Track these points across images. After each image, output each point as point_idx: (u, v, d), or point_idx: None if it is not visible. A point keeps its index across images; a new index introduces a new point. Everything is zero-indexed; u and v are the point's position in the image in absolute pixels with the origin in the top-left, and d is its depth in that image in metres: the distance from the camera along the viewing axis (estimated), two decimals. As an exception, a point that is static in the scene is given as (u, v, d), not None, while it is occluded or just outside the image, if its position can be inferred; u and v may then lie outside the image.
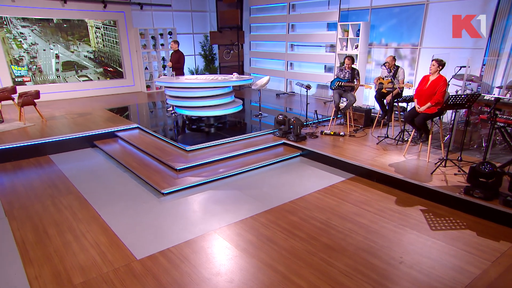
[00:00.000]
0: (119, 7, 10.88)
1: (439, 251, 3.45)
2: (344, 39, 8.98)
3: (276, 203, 4.48)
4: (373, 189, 4.89)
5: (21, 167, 5.75)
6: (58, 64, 10.24)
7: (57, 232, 3.83)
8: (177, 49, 8.32)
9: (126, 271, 3.20)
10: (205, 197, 4.72)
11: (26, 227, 3.92)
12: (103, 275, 3.14)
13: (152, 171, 5.33)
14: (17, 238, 3.72)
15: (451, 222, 3.98)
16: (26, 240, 3.68)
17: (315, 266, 3.25)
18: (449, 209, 4.27)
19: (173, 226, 3.99)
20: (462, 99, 4.53)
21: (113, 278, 3.10)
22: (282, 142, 6.45)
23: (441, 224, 3.95)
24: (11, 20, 9.36)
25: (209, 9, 12.90)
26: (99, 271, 3.19)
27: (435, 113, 5.08)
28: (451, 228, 3.87)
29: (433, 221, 4.01)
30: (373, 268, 3.21)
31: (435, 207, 4.33)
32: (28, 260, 3.36)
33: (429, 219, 4.06)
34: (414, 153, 5.66)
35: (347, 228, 3.89)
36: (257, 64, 12.52)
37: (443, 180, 4.59)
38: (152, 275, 3.15)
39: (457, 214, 4.16)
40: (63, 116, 8.02)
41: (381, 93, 6.66)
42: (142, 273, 3.17)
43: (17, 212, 4.25)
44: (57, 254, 3.44)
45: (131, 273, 3.16)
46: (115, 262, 3.32)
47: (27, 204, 4.47)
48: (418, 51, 7.99)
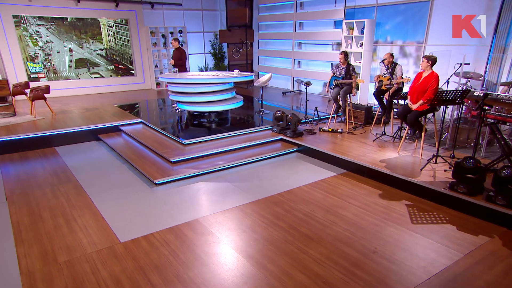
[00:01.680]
0: (130, 6, 11.24)
1: (414, 243, 3.50)
2: (349, 37, 9.01)
3: (263, 195, 4.61)
4: (363, 184, 4.95)
5: (28, 157, 6.08)
6: (71, 61, 10.68)
7: (50, 216, 4.08)
8: (178, 47, 8.52)
9: (108, 252, 3.40)
10: (196, 188, 4.89)
11: (23, 211, 4.19)
12: (87, 255, 3.36)
13: (149, 163, 5.55)
14: (13, 220, 3.99)
15: (433, 217, 4.01)
16: (21, 222, 3.95)
17: (289, 254, 3.36)
18: (434, 204, 4.29)
19: (160, 213, 4.18)
20: (450, 95, 4.53)
21: (95, 258, 3.31)
22: (280, 138, 6.56)
23: (423, 218, 3.99)
24: (28, 18, 9.83)
25: (219, 8, 13.12)
26: (83, 252, 3.40)
27: (427, 109, 5.09)
28: (432, 222, 3.90)
29: (415, 215, 4.05)
30: (345, 257, 3.29)
31: (421, 202, 4.35)
32: (20, 240, 3.61)
33: (412, 213, 4.10)
34: (410, 150, 5.67)
35: (328, 219, 3.98)
36: (265, 63, 12.66)
37: (431, 176, 4.61)
38: (132, 256, 3.34)
39: (441, 209, 4.18)
40: (72, 110, 8.39)
41: (381, 91, 6.68)
42: (123, 254, 3.37)
43: (17, 198, 4.54)
44: (47, 236, 3.68)
45: (113, 254, 3.36)
46: (100, 244, 3.53)
47: (27, 190, 4.76)
48: (423, 48, 7.95)
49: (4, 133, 6.37)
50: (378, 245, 3.48)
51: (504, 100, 4.15)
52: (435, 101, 4.80)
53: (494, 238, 3.57)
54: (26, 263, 3.26)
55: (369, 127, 7.01)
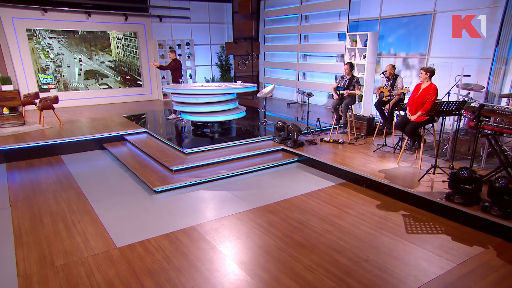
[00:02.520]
0: (139, 19, 11.58)
1: (407, 252, 3.51)
2: (352, 49, 9.12)
3: (260, 204, 4.66)
4: (361, 194, 4.97)
5: (34, 165, 6.26)
6: (81, 72, 11.00)
7: (51, 221, 4.20)
8: (175, 58, 8.59)
9: (104, 256, 3.49)
10: (194, 197, 4.97)
11: (25, 216, 4.33)
12: (83, 259, 3.45)
13: (150, 171, 5.67)
14: (15, 224, 4.12)
15: (428, 227, 4.01)
16: (22, 226, 4.07)
17: (281, 261, 3.40)
18: (431, 214, 4.29)
19: (157, 220, 4.27)
20: (447, 106, 4.57)
21: (91, 262, 3.39)
22: (281, 148, 6.64)
23: (418, 228, 3.99)
24: (40, 32, 10.20)
25: (226, 21, 13.41)
26: (80, 256, 3.50)
27: (425, 120, 5.12)
28: (427, 232, 3.90)
29: (411, 225, 4.06)
30: (337, 265, 3.32)
31: (417, 212, 4.36)
32: (20, 243, 3.73)
33: (407, 223, 4.11)
34: (410, 161, 5.68)
35: (323, 228, 4.01)
36: (271, 74, 12.84)
37: (429, 187, 4.61)
38: (127, 261, 3.42)
39: (437, 219, 4.18)
40: (79, 120, 8.62)
41: (382, 102, 6.73)
42: (118, 259, 3.45)
43: (20, 203, 4.69)
44: (46, 240, 3.79)
45: (108, 259, 3.45)
46: (96, 248, 3.63)
47: (31, 196, 4.91)
48: (426, 60, 8.00)
49: (12, 141, 6.58)
50: (370, 253, 3.50)
51: (500, 111, 4.17)
52: (432, 112, 4.84)
53: (489, 249, 3.56)
54: (24, 266, 3.36)
55: (371, 138, 7.04)
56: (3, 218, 4.29)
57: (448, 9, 7.40)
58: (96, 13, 10.78)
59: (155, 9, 11.82)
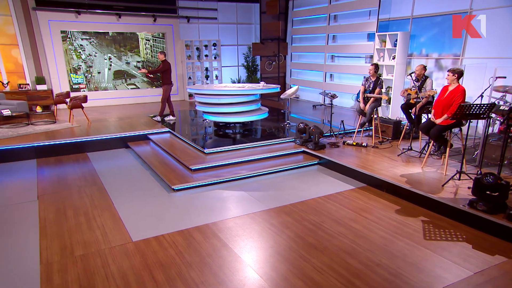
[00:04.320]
0: (168, 20, 12.01)
1: (423, 258, 3.49)
2: (381, 50, 9.03)
3: (276, 205, 4.76)
4: (380, 198, 4.95)
5: (61, 162, 6.68)
6: (110, 72, 11.55)
7: (73, 214, 4.50)
8: (164, 59, 8.65)
9: (120, 249, 3.71)
10: (211, 196, 5.15)
11: (50, 209, 4.66)
12: (100, 251, 3.69)
13: (170, 170, 5.91)
14: (41, 216, 4.45)
15: (448, 234, 3.95)
16: (47, 218, 4.40)
17: (291, 261, 3.48)
18: (452, 221, 4.22)
19: (172, 217, 4.47)
20: (474, 109, 4.47)
21: (107, 254, 3.63)
22: (302, 150, 6.70)
23: (437, 235, 3.94)
24: (73, 33, 10.82)
25: (254, 21, 13.62)
26: (98, 247, 3.74)
27: (451, 124, 5.03)
28: (446, 239, 3.85)
29: (430, 231, 4.02)
30: (347, 268, 3.36)
31: (438, 219, 4.30)
32: (44, 234, 4.03)
33: (426, 229, 4.07)
34: (435, 166, 5.58)
35: (337, 231, 4.05)
36: (297, 76, 12.89)
37: (452, 193, 4.53)
38: (141, 254, 3.62)
39: (458, 226, 4.10)
40: (106, 119, 9.07)
41: (409, 104, 6.64)
42: (133, 252, 3.66)
43: (46, 197, 5.05)
44: (68, 232, 4.08)
45: (124, 252, 3.67)
46: (113, 241, 3.86)
47: (57, 190, 5.27)
48: (460, 61, 7.80)
49: (43, 138, 7.05)
50: (383, 258, 3.51)
51: (530, 115, 4.05)
52: (458, 115, 4.74)
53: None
54: (47, 254, 3.64)
55: (397, 142, 6.95)
56: (31, 210, 4.64)
57: (485, 6, 7.19)
58: (127, 14, 11.30)
59: (183, 10, 12.21)
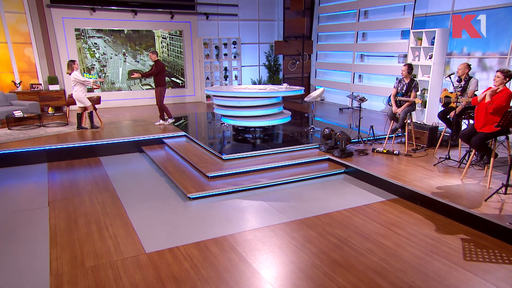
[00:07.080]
0: (185, 17, 12.21)
1: (462, 281, 3.39)
2: (417, 48, 8.88)
3: (298, 217, 4.74)
4: (413, 212, 4.85)
5: (73, 166, 6.87)
6: (125, 72, 11.82)
7: (85, 222, 4.61)
8: (157, 60, 8.66)
9: (132, 261, 3.78)
10: (229, 205, 5.17)
11: (61, 216, 4.79)
12: (112, 262, 3.76)
13: (186, 177, 5.98)
14: (51, 224, 4.58)
15: (492, 255, 3.83)
16: (58, 226, 4.52)
17: (314, 279, 3.45)
18: (496, 240, 4.09)
19: (188, 227, 4.51)
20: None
21: (119, 266, 3.69)
22: (327, 157, 6.65)
23: (479, 255, 3.83)
24: (88, 31, 11.15)
25: (277, 18, 13.66)
26: (109, 259, 3.82)
27: (496, 132, 4.88)
28: (490, 261, 3.73)
29: (470, 251, 3.90)
30: (376, 289, 3.31)
31: (480, 237, 4.17)
32: (54, 243, 4.15)
33: (467, 248, 3.95)
34: (477, 178, 5.43)
35: (365, 247, 4.00)
36: (323, 76, 12.83)
37: (497, 208, 4.40)
38: (154, 267, 3.67)
39: (504, 247, 3.97)
40: (120, 121, 9.27)
41: (447, 111, 6.50)
42: (146, 264, 3.72)
43: (57, 203, 5.20)
44: (79, 241, 4.18)
45: (136, 264, 3.73)
46: (126, 252, 3.93)
47: (68, 196, 5.42)
48: (508, 60, 7.56)
49: (55, 141, 7.27)
50: (416, 279, 3.43)
51: None
52: (504, 122, 4.61)
53: None
54: (57, 265, 3.74)
55: (433, 150, 6.80)
56: (41, 217, 4.79)
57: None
58: (143, 11, 11.56)
59: (202, 6, 12.37)
